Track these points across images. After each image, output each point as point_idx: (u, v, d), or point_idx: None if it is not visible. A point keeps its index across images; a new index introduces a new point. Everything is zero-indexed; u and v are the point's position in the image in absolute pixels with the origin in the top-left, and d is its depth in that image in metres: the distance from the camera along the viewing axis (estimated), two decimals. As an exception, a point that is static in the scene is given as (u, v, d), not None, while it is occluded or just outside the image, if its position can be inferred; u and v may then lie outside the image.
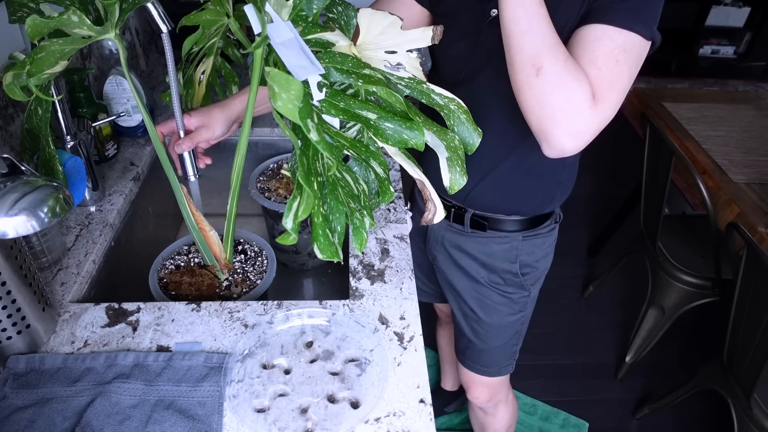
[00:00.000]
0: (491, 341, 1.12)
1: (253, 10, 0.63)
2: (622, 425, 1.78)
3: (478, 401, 1.25)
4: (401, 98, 0.63)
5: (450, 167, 0.70)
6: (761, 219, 1.44)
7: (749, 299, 1.27)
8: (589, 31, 0.71)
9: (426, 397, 0.72)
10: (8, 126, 1.03)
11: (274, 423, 0.68)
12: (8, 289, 0.69)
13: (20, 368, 0.72)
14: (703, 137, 1.81)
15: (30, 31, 0.59)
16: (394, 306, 0.85)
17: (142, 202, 1.16)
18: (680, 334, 2.04)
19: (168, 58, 0.72)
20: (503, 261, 1.04)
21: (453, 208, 1.03)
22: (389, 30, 0.67)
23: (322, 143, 0.62)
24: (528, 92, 0.71)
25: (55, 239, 0.89)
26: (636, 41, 0.71)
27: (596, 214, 2.66)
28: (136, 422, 0.66)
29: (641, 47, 0.72)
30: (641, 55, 0.73)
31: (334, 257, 0.68)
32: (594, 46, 0.71)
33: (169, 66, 0.73)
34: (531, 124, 0.74)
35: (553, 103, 0.69)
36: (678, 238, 1.80)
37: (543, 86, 0.69)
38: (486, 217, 1.01)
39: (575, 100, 0.68)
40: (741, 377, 1.33)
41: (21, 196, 0.63)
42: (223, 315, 0.82)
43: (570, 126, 0.70)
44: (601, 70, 0.70)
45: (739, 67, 3.64)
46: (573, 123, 0.69)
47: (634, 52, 0.71)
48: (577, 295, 2.25)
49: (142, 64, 1.58)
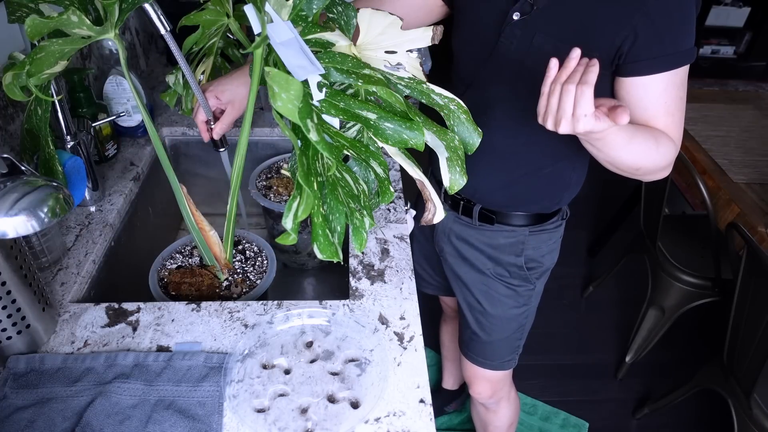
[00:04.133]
0: (495, 333, 1.12)
1: (253, 10, 0.63)
2: (622, 425, 1.78)
3: (481, 397, 1.25)
4: (401, 98, 0.63)
5: (450, 167, 0.70)
6: (761, 219, 1.44)
7: (749, 299, 1.27)
8: (657, 84, 0.77)
9: (426, 397, 0.72)
10: (8, 126, 1.03)
11: (274, 423, 0.68)
12: (8, 289, 0.69)
13: (20, 368, 0.72)
14: (703, 137, 1.81)
15: (29, 31, 0.59)
16: (394, 306, 0.85)
17: (142, 202, 1.16)
18: (680, 334, 2.04)
19: (175, 51, 0.71)
20: (509, 254, 1.04)
21: (462, 201, 1.04)
22: (389, 30, 0.67)
23: (322, 143, 0.62)
24: (630, 175, 0.80)
25: (55, 239, 0.89)
26: (687, 68, 0.77)
27: (596, 214, 2.66)
28: (136, 422, 0.66)
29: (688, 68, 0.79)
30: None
31: (334, 257, 0.68)
32: (664, 98, 0.77)
33: (178, 58, 0.72)
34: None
35: (651, 174, 0.81)
36: (678, 238, 1.80)
37: (643, 173, 0.79)
38: (494, 211, 1.01)
39: (667, 159, 0.79)
40: (741, 377, 1.33)
41: (21, 196, 0.63)
42: (223, 315, 0.82)
43: (665, 172, 0.82)
44: (675, 116, 0.79)
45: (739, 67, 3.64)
46: (667, 170, 0.81)
47: (686, 76, 0.78)
48: (577, 295, 2.25)
49: (142, 64, 1.58)
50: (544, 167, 0.94)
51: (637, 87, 0.77)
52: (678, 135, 0.80)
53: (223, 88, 0.85)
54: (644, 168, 0.78)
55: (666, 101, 0.77)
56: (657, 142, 0.76)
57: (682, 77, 0.77)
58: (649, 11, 0.72)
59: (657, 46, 0.74)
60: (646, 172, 0.79)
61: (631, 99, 0.78)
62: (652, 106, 0.78)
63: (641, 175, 0.80)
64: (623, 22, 0.74)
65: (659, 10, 0.72)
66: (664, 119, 0.78)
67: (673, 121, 0.79)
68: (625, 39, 0.74)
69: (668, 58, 0.75)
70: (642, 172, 0.79)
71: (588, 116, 0.61)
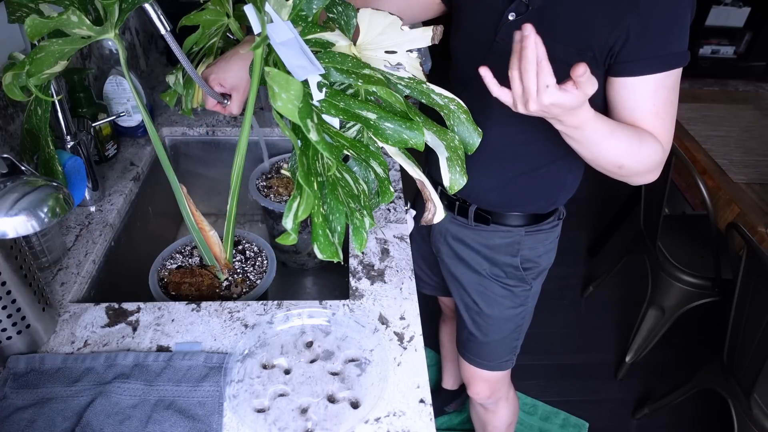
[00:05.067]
0: (492, 334, 1.12)
1: (253, 10, 0.63)
2: (622, 425, 1.78)
3: (479, 397, 1.25)
4: (401, 98, 0.63)
5: (450, 167, 0.70)
6: (761, 219, 1.44)
7: (749, 299, 1.27)
8: (647, 85, 0.76)
9: (426, 397, 0.72)
10: (8, 126, 1.03)
11: (274, 423, 0.68)
12: (8, 289, 0.69)
13: (20, 368, 0.72)
14: (703, 137, 1.81)
15: (29, 31, 0.59)
16: (394, 306, 0.85)
17: (142, 202, 1.16)
18: (680, 334, 2.04)
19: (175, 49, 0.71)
20: (505, 254, 1.04)
21: (458, 201, 1.04)
22: (389, 30, 0.67)
23: (322, 143, 0.62)
24: (615, 175, 0.80)
25: (55, 239, 0.89)
26: (679, 71, 0.77)
27: (596, 214, 2.66)
28: (136, 422, 0.66)
29: (681, 71, 0.78)
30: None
31: (334, 257, 0.68)
32: (654, 100, 0.77)
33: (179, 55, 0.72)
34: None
35: (636, 176, 0.80)
36: (678, 238, 1.80)
37: (627, 173, 0.78)
38: (490, 212, 1.01)
39: (653, 161, 0.78)
40: (741, 377, 1.33)
41: (21, 196, 0.63)
42: (223, 315, 0.82)
43: (651, 175, 0.81)
44: (664, 119, 0.78)
45: (739, 67, 3.64)
46: (653, 173, 0.80)
47: (678, 80, 0.78)
48: (577, 295, 2.25)
49: (142, 64, 1.58)
50: (540, 167, 0.94)
51: (627, 87, 0.77)
52: (667, 138, 0.79)
53: (225, 76, 0.85)
54: (627, 167, 0.77)
55: (656, 103, 0.77)
56: (641, 140, 0.76)
57: (674, 80, 0.77)
58: (642, 12, 0.72)
59: (648, 47, 0.74)
60: (630, 172, 0.78)
61: (620, 99, 0.78)
62: (640, 107, 0.77)
63: (626, 175, 0.79)
64: (616, 22, 0.74)
65: (651, 11, 0.72)
66: (653, 121, 0.77)
67: (663, 124, 0.78)
68: (617, 39, 0.74)
69: (659, 60, 0.74)
70: (626, 172, 0.78)
71: (550, 87, 0.60)
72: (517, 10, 0.80)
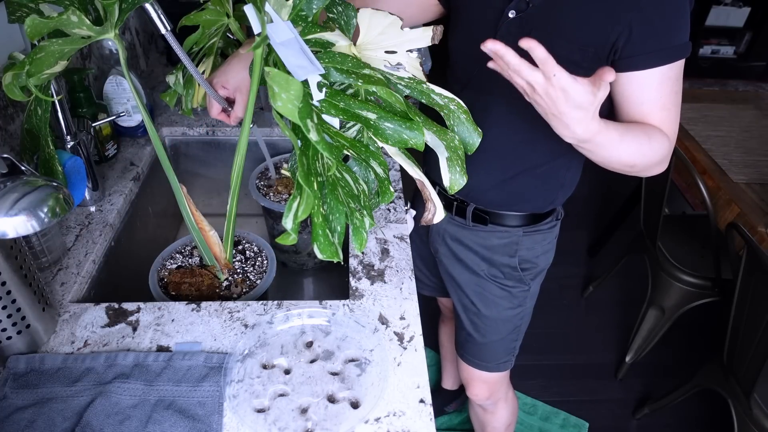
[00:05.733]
0: (490, 335, 1.12)
1: (253, 10, 0.63)
2: (622, 425, 1.78)
3: (478, 398, 1.25)
4: (401, 98, 0.63)
5: (450, 167, 0.70)
6: (761, 219, 1.44)
7: (749, 299, 1.27)
8: (652, 79, 0.77)
9: (426, 397, 0.72)
10: (8, 126, 1.03)
11: (274, 423, 0.68)
12: (8, 289, 0.69)
13: (20, 368, 0.72)
14: (703, 137, 1.81)
15: (29, 31, 0.59)
16: (394, 306, 0.85)
17: (142, 202, 1.16)
18: (680, 334, 2.04)
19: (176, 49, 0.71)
20: (502, 255, 1.04)
21: (456, 202, 1.04)
22: (389, 30, 0.67)
23: (322, 143, 0.62)
24: (625, 173, 0.81)
25: (55, 239, 0.89)
26: (682, 63, 0.77)
27: (596, 214, 2.66)
28: (136, 422, 0.66)
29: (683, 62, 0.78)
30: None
31: (334, 257, 0.68)
32: (659, 92, 0.77)
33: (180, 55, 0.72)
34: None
35: (646, 171, 0.81)
36: (678, 238, 1.80)
37: (638, 170, 0.79)
38: (488, 212, 1.01)
39: (661, 155, 0.79)
40: (741, 377, 1.33)
41: (21, 196, 0.63)
42: (223, 315, 0.82)
43: (660, 167, 0.81)
44: (670, 110, 0.79)
45: (739, 67, 3.64)
46: (662, 165, 0.81)
47: (681, 71, 0.78)
48: (577, 295, 2.25)
49: (142, 64, 1.58)
50: (539, 166, 0.94)
51: (632, 82, 0.77)
52: (673, 130, 0.80)
53: (227, 78, 0.85)
54: (639, 165, 0.78)
55: (661, 96, 0.78)
56: (650, 138, 0.76)
57: (677, 72, 0.77)
58: (643, 6, 0.73)
59: (651, 41, 0.74)
60: (641, 169, 0.79)
61: (626, 94, 0.79)
62: (647, 101, 0.78)
63: (637, 171, 0.80)
64: (617, 18, 0.74)
65: (653, 4, 0.73)
66: (660, 114, 0.78)
67: (669, 116, 0.79)
68: (619, 35, 0.75)
69: (663, 53, 0.75)
70: (637, 169, 0.79)
71: (558, 74, 0.58)
72: (517, 8, 0.80)
